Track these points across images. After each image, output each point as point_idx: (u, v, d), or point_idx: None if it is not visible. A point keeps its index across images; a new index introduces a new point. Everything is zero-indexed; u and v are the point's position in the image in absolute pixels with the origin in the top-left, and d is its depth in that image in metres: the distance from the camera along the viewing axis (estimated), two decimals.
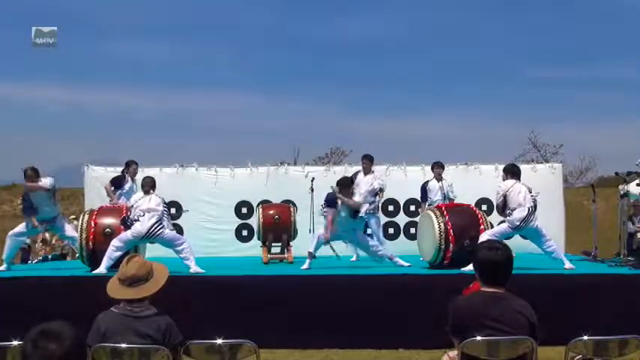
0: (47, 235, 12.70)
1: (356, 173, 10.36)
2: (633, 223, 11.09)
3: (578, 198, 21.39)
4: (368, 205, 9.69)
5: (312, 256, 8.60)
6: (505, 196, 8.04)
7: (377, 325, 7.18)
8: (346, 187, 8.67)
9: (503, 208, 8.10)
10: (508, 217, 8.04)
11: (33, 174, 8.54)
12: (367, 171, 10.27)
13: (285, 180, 11.88)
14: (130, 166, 10.45)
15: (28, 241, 12.15)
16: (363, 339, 7.11)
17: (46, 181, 8.58)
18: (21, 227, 8.92)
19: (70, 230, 9.11)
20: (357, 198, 8.72)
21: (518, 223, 7.97)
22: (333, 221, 8.66)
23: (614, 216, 12.85)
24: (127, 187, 10.22)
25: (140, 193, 8.41)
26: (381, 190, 10.17)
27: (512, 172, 8.29)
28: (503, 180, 8.29)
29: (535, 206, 8.05)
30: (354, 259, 9.94)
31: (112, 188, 10.11)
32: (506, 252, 3.61)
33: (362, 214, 9.03)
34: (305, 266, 8.47)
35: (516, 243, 8.52)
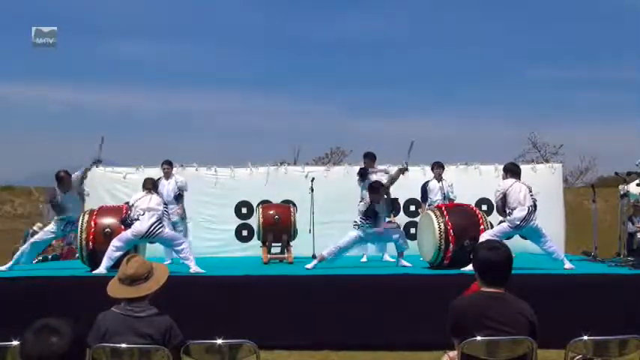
0: None
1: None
2: (633, 223, 11.09)
3: (578, 198, 21.40)
4: None
5: (322, 259, 8.58)
6: (505, 195, 8.02)
7: (377, 325, 7.18)
8: (376, 191, 8.72)
9: (503, 207, 8.09)
10: (508, 217, 8.03)
11: (67, 176, 8.73)
12: (372, 170, 10.21)
13: (285, 180, 11.88)
14: (162, 166, 10.38)
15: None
16: (363, 339, 7.11)
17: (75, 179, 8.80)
18: (44, 233, 9.02)
19: None
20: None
21: (518, 222, 7.96)
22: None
23: (614, 216, 12.87)
24: (159, 188, 10.14)
25: (140, 193, 8.43)
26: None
27: (512, 171, 8.28)
28: (503, 179, 8.28)
29: (535, 206, 8.05)
30: (363, 259, 9.96)
31: None
32: (506, 252, 3.61)
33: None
34: (309, 266, 8.45)
35: (516, 243, 8.55)
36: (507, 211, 8.03)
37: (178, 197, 10.22)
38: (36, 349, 2.21)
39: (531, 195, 8.05)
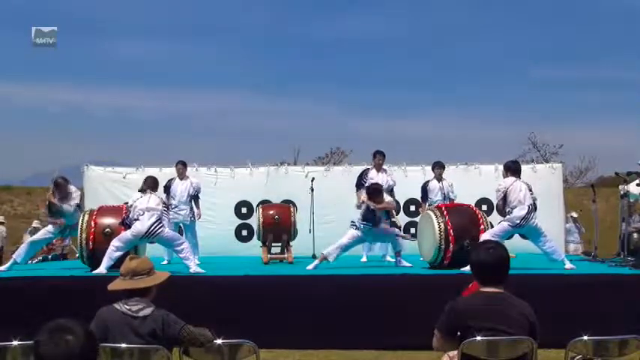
0: None
1: (365, 171, 10.18)
2: (626, 225, 11.04)
3: (578, 198, 21.37)
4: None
5: (324, 259, 8.56)
6: (506, 194, 8.02)
7: (377, 325, 7.17)
8: (377, 194, 8.67)
9: (504, 205, 8.08)
10: (508, 216, 8.02)
11: (64, 182, 8.84)
12: (380, 168, 10.12)
13: (285, 180, 11.89)
14: (176, 166, 10.39)
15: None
16: (363, 339, 7.10)
17: (77, 193, 9.01)
18: (42, 233, 9.12)
19: None
20: (387, 199, 8.97)
21: (518, 221, 7.95)
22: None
23: (614, 216, 12.86)
24: (172, 187, 10.16)
25: (139, 193, 8.42)
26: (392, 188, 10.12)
27: (513, 169, 8.26)
28: (504, 177, 8.27)
29: (535, 205, 8.05)
30: (364, 259, 9.95)
31: (164, 195, 9.87)
32: (499, 252, 3.59)
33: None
34: (311, 266, 8.43)
35: (516, 243, 8.54)
36: (507, 210, 8.03)
37: (195, 198, 10.21)
38: (53, 350, 2.23)
39: (531, 194, 8.05)
